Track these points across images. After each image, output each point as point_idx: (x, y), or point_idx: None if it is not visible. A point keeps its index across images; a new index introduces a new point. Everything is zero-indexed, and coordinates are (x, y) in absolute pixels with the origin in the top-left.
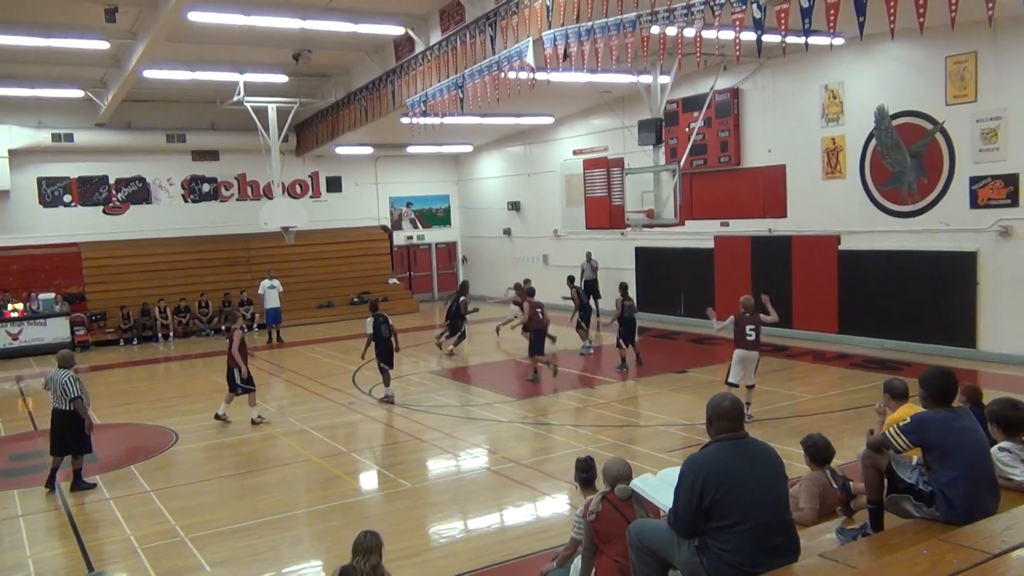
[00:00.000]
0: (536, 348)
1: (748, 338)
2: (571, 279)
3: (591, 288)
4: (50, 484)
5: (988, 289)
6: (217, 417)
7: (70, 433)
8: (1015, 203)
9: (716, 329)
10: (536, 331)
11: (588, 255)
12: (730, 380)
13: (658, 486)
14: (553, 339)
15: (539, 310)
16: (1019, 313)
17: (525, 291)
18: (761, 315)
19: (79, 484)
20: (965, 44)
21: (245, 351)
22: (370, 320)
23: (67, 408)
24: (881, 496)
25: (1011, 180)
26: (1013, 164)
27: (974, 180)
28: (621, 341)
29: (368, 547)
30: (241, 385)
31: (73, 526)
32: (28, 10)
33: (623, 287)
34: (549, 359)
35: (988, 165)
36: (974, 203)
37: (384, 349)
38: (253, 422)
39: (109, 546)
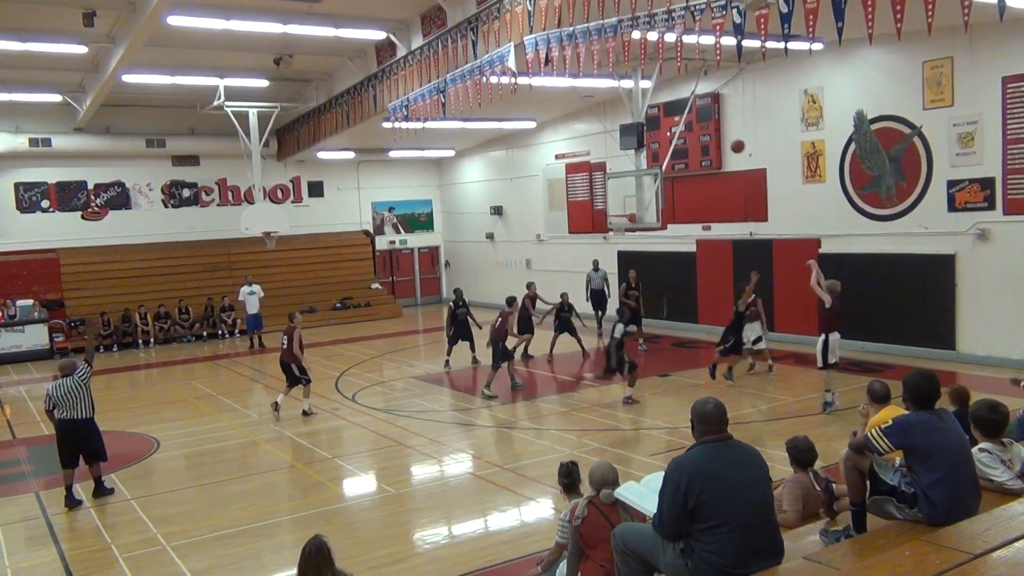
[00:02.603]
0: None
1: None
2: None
3: (598, 300)
4: (69, 501)
5: (967, 291)
6: (305, 414)
7: (87, 441)
8: (992, 206)
9: (829, 303)
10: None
11: (595, 263)
12: (831, 361)
13: (642, 492)
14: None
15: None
16: (997, 315)
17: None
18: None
19: (102, 490)
20: (941, 49)
21: (302, 346)
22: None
23: (82, 416)
24: (864, 498)
25: (987, 183)
26: (989, 168)
27: (951, 184)
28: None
29: (316, 563)
30: (302, 376)
31: (53, 535)
32: (4, 14)
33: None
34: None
35: (965, 169)
36: (952, 206)
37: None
38: (305, 413)
39: (90, 555)
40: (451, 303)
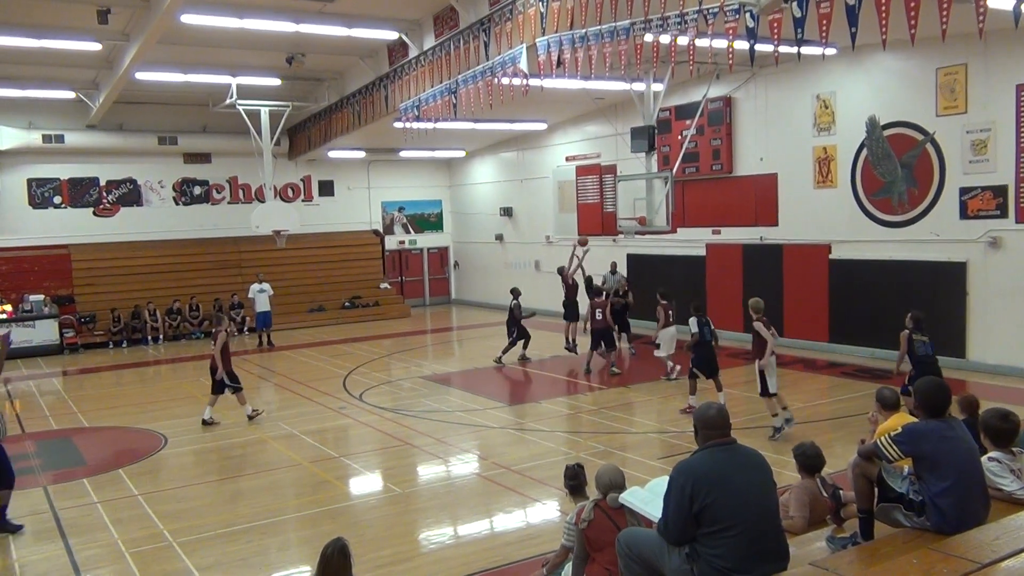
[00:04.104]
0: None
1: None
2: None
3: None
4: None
5: (978, 299)
6: (205, 423)
7: None
8: (1004, 214)
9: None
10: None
11: (613, 265)
12: (772, 391)
13: (647, 498)
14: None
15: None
16: (1008, 323)
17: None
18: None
19: (3, 525)
20: (955, 56)
21: (227, 353)
22: (693, 320)
23: None
24: (871, 505)
25: (1000, 191)
26: (1002, 175)
27: (964, 191)
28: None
29: (337, 568)
30: (230, 384)
31: (60, 529)
32: (20, 11)
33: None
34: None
35: (978, 176)
36: (964, 214)
37: (703, 355)
38: (249, 417)
39: (96, 550)
40: (513, 304)
